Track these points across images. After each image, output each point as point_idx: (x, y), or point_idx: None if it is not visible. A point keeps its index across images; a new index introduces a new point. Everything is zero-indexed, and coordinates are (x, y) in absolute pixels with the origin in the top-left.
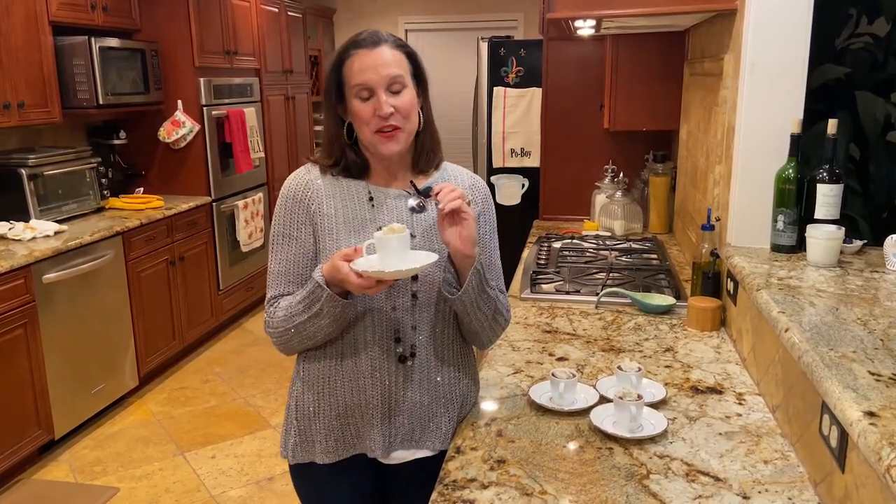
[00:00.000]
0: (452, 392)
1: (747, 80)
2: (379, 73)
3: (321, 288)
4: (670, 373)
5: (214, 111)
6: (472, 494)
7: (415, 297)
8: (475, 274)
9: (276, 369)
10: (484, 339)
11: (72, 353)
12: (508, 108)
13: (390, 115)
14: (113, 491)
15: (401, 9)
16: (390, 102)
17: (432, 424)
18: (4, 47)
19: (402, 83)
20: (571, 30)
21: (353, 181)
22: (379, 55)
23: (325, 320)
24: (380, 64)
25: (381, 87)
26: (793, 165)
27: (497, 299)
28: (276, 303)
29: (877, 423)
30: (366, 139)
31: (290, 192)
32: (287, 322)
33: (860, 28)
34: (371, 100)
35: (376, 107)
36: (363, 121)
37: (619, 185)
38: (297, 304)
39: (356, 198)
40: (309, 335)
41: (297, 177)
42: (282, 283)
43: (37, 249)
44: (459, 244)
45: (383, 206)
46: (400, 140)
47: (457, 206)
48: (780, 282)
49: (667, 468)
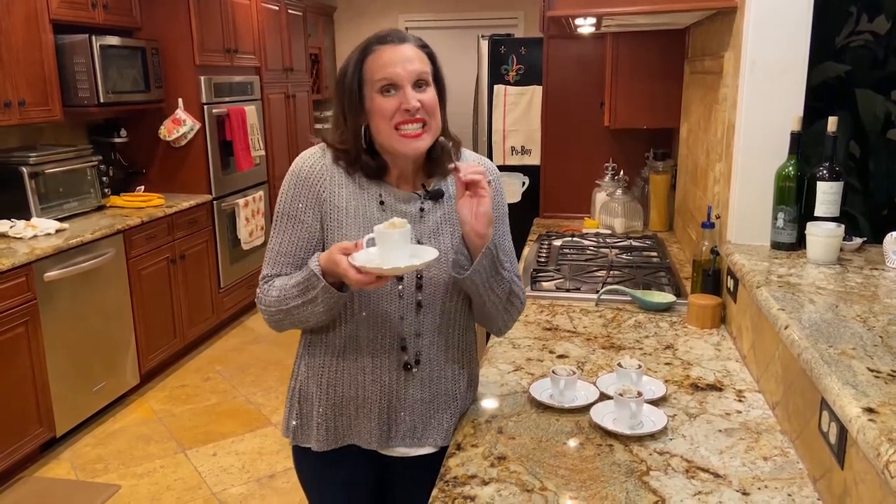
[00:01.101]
0: (455, 390)
1: (747, 78)
2: (406, 69)
3: (317, 278)
4: (670, 370)
5: (215, 109)
6: (472, 491)
7: (419, 305)
8: (486, 254)
9: (277, 367)
10: (500, 323)
11: (73, 351)
12: (509, 106)
13: (417, 110)
14: (114, 488)
15: (401, 7)
16: (417, 97)
17: (434, 422)
18: (5, 46)
19: (427, 80)
20: (572, 28)
21: (366, 180)
22: (405, 51)
23: (319, 308)
24: (406, 59)
25: (408, 81)
26: (793, 163)
27: (512, 281)
28: (270, 281)
29: (876, 419)
30: (384, 136)
31: (302, 172)
32: (280, 304)
33: (860, 26)
34: (395, 94)
35: (402, 100)
36: (385, 116)
37: (620, 183)
38: (291, 287)
39: (367, 195)
40: (301, 319)
41: (311, 157)
42: (279, 264)
43: (38, 247)
44: (473, 220)
45: (392, 209)
46: (425, 139)
47: (477, 179)
48: (780, 279)
49: (667, 465)
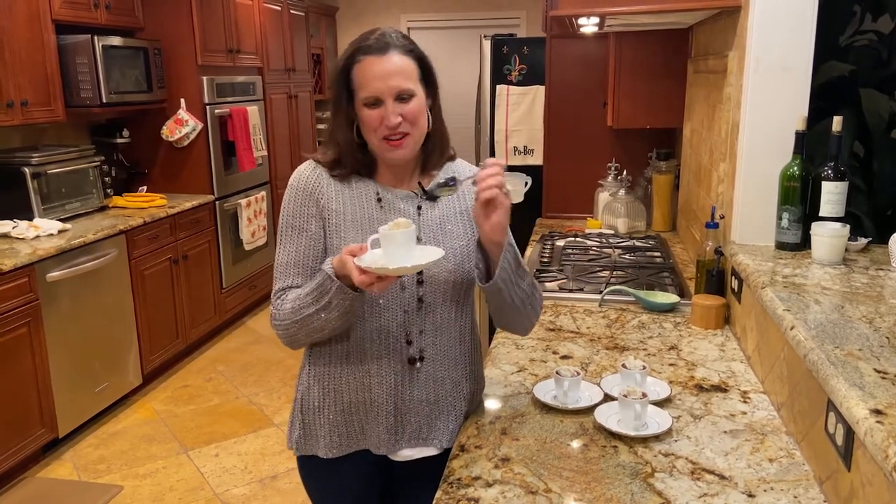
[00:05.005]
0: (459, 391)
1: (751, 78)
2: (387, 84)
3: (331, 279)
4: (675, 371)
5: (217, 110)
6: (476, 492)
7: (420, 301)
8: (509, 249)
9: (280, 367)
10: (526, 320)
11: (75, 351)
12: (511, 106)
13: (398, 125)
14: (117, 489)
15: (403, 6)
16: (398, 111)
17: (439, 423)
18: (8, 46)
19: (410, 92)
20: (574, 27)
21: (360, 181)
22: (388, 62)
23: (333, 313)
24: (388, 74)
25: (390, 97)
26: (797, 163)
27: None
28: (283, 295)
29: (883, 420)
30: (373, 145)
31: (299, 185)
32: (295, 314)
33: (864, 25)
34: (379, 107)
35: (384, 115)
36: (371, 128)
37: (623, 183)
38: (305, 295)
39: (364, 197)
40: (316, 328)
41: (305, 170)
42: (290, 275)
43: (40, 248)
44: (490, 230)
45: (392, 207)
46: (408, 146)
47: (492, 195)
48: (785, 279)
49: (672, 466)
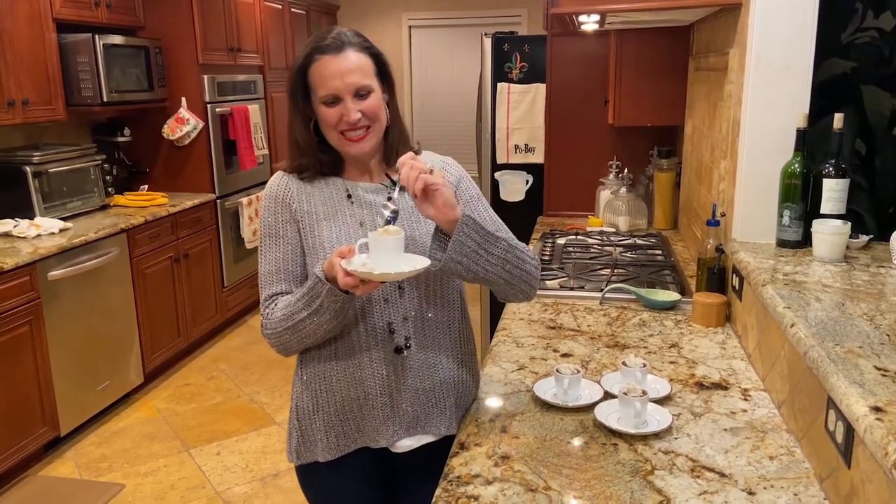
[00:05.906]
0: (452, 376)
1: (753, 75)
2: (345, 82)
3: (321, 282)
4: (675, 369)
5: (218, 108)
6: (476, 490)
7: (400, 288)
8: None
9: (281, 366)
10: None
11: (77, 350)
12: (512, 104)
13: (358, 121)
14: (118, 487)
15: (404, 5)
16: (357, 108)
17: (436, 409)
18: (9, 45)
19: (368, 88)
20: (575, 25)
21: (328, 179)
22: (344, 61)
23: (325, 316)
24: (345, 71)
25: (348, 94)
26: (799, 160)
27: (509, 241)
28: (272, 303)
29: (883, 418)
30: (333, 141)
31: (271, 194)
32: (286, 321)
33: (866, 22)
34: (338, 105)
35: (343, 112)
36: (330, 125)
37: (624, 181)
38: (296, 301)
39: (334, 194)
40: (308, 333)
41: (275, 180)
42: (275, 282)
43: (42, 247)
44: (439, 214)
45: (361, 201)
46: (370, 140)
47: (422, 185)
48: (786, 277)
49: (672, 464)
